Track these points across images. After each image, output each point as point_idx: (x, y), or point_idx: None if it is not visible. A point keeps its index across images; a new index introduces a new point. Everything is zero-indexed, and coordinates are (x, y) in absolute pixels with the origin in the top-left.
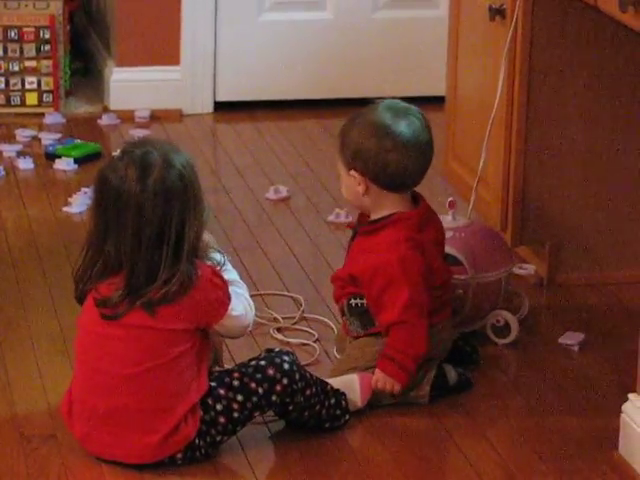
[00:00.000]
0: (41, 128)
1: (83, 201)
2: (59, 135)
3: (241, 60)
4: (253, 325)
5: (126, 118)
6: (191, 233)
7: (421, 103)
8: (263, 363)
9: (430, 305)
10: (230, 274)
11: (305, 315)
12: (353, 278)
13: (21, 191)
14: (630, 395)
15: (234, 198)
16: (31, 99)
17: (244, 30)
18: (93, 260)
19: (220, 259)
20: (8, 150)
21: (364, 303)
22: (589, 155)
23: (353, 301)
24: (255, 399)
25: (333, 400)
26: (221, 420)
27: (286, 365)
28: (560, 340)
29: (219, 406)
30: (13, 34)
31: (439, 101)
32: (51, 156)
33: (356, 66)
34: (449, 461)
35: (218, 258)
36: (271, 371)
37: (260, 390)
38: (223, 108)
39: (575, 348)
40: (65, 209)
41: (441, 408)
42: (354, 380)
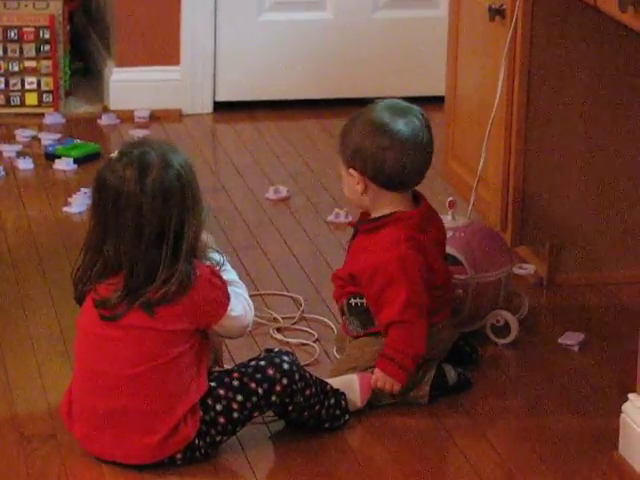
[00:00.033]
0: (41, 128)
1: (83, 201)
2: (59, 135)
3: (241, 60)
4: (252, 325)
5: (126, 118)
6: (190, 233)
7: (421, 103)
8: (263, 363)
9: (430, 305)
10: (229, 274)
11: (305, 315)
12: (353, 277)
13: (21, 191)
14: (630, 395)
15: (234, 198)
16: (31, 99)
17: (244, 30)
18: (92, 261)
19: (219, 259)
20: (8, 150)
21: (364, 303)
22: (589, 155)
23: (353, 300)
24: (255, 399)
25: (333, 400)
26: (221, 420)
27: (286, 365)
28: (560, 340)
29: (219, 406)
30: (13, 34)
31: (439, 101)
32: (51, 156)
33: (356, 66)
34: (449, 461)
35: (217, 258)
36: (271, 371)
37: (260, 390)
38: (223, 108)
39: (575, 348)
40: (65, 209)
41: (441, 408)
42: (354, 380)
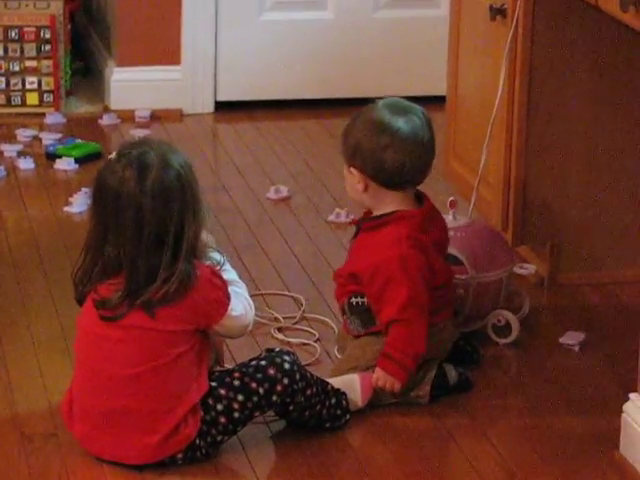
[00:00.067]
0: (42, 128)
1: (84, 201)
2: (60, 135)
3: (242, 60)
4: (253, 325)
5: (126, 118)
6: (190, 233)
7: (422, 103)
8: (264, 363)
9: (431, 305)
10: (229, 274)
11: (306, 315)
12: (354, 276)
13: (22, 191)
14: (631, 395)
15: (235, 198)
16: (32, 99)
17: (245, 30)
18: (93, 262)
19: (219, 259)
20: (9, 150)
21: (365, 302)
22: (590, 154)
23: (354, 300)
24: (256, 399)
25: (334, 400)
26: (222, 420)
27: (287, 365)
28: (561, 340)
29: (220, 406)
30: (14, 34)
31: (440, 101)
32: (52, 156)
33: (357, 66)
34: (450, 461)
35: (217, 258)
36: (272, 371)
37: (261, 390)
38: (224, 108)
39: (576, 348)
40: (66, 209)
41: (442, 408)
42: (355, 380)
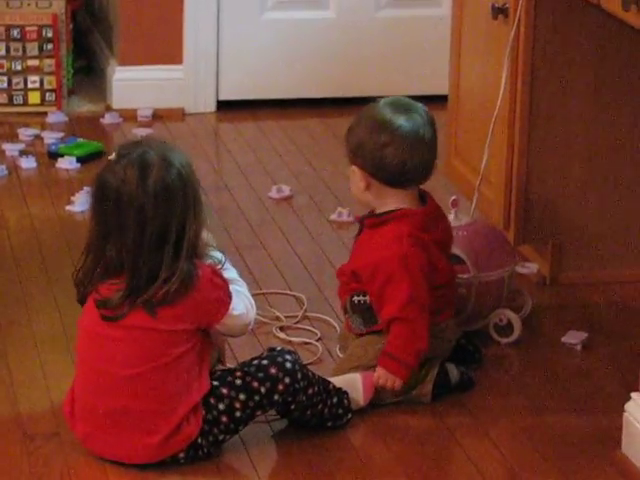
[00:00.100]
0: (44, 127)
1: (86, 200)
2: (62, 134)
3: (244, 59)
4: (255, 324)
5: (129, 117)
6: (191, 232)
7: (424, 102)
8: (265, 362)
9: (433, 304)
10: (229, 272)
11: (308, 314)
12: (356, 274)
13: (24, 190)
14: (633, 394)
15: (236, 197)
16: (34, 98)
17: (247, 29)
18: (94, 262)
19: (220, 258)
20: (11, 149)
21: (367, 300)
22: (592, 153)
23: (356, 298)
24: (257, 398)
25: (335, 399)
26: (223, 419)
27: (288, 364)
28: (563, 339)
29: (221, 405)
30: (16, 33)
31: (442, 100)
32: (54, 155)
33: (359, 65)
34: (451, 460)
35: (218, 257)
36: (273, 370)
37: (262, 389)
38: (226, 107)
39: (578, 347)
40: (68, 208)
41: (443, 407)
42: (357, 379)
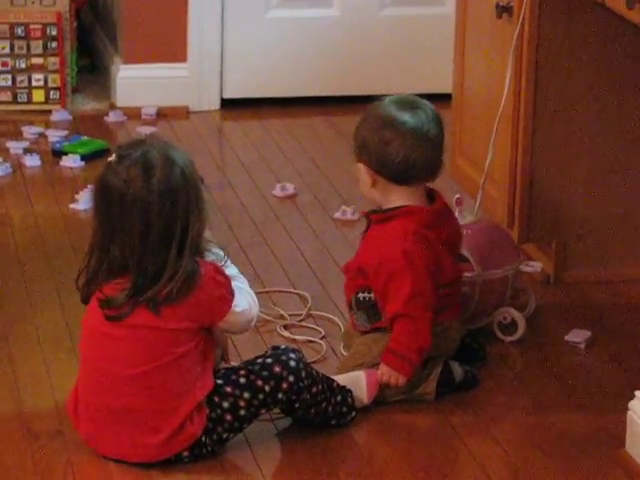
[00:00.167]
0: (48, 125)
1: (90, 198)
2: (66, 132)
3: (248, 57)
4: (259, 322)
5: (133, 115)
6: (194, 230)
7: (428, 100)
8: (269, 361)
9: (438, 303)
10: (230, 269)
11: (311, 312)
12: (361, 270)
13: (28, 188)
14: (637, 392)
15: (240, 195)
16: (38, 96)
17: (251, 27)
18: (98, 263)
19: (221, 255)
20: (15, 147)
21: (372, 297)
22: (596, 152)
23: (361, 295)
24: (261, 397)
25: (339, 397)
26: (227, 417)
27: (292, 362)
28: (567, 337)
29: (225, 404)
30: (20, 31)
31: (446, 98)
32: (58, 153)
33: (363, 63)
34: (455, 458)
35: (220, 254)
36: (277, 369)
37: (266, 388)
38: (230, 105)
39: (582, 345)
40: (72, 206)
41: (447, 405)
42: (360, 377)
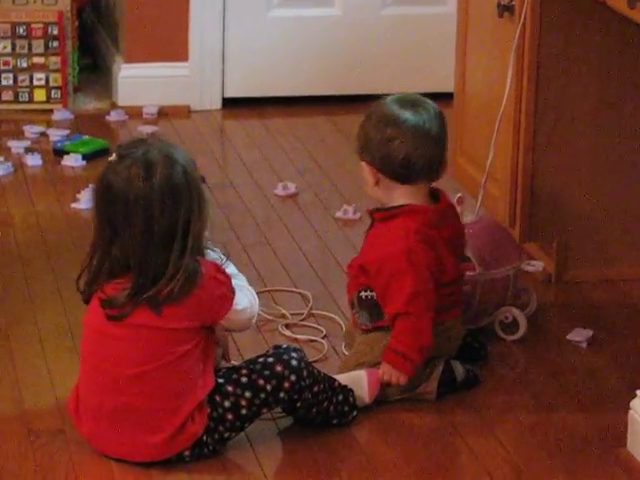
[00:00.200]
0: (49, 124)
1: (90, 198)
2: (67, 131)
3: (249, 56)
4: (260, 321)
5: (134, 114)
6: (195, 229)
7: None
8: (271, 360)
9: (439, 303)
10: (229, 267)
11: (313, 311)
12: (363, 268)
13: (29, 187)
14: (638, 392)
15: (242, 194)
16: (39, 95)
17: (252, 26)
18: (100, 263)
19: (222, 253)
20: (16, 146)
21: (374, 296)
22: (597, 150)
23: (363, 293)
24: (263, 396)
25: (341, 396)
26: (229, 417)
27: (294, 362)
28: (568, 337)
29: (227, 403)
30: (21, 30)
31: (447, 97)
32: (59, 152)
33: (364, 63)
34: (456, 457)
35: (219, 253)
36: (279, 368)
37: (268, 387)
38: (231, 104)
39: (583, 345)
40: (73, 205)
41: (449, 404)
42: (362, 376)
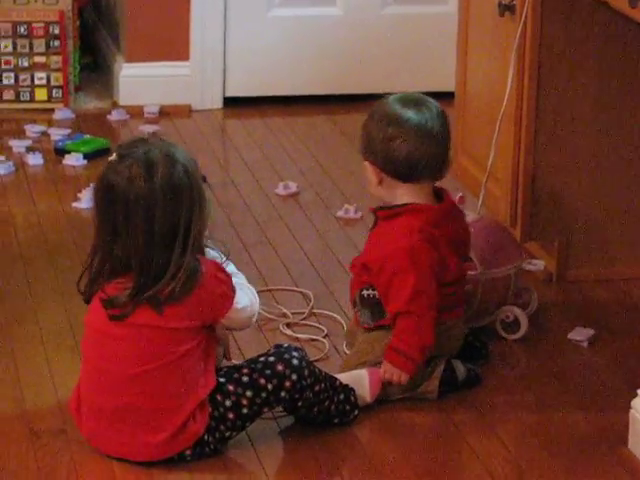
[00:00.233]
0: (50, 124)
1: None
2: (68, 131)
3: (250, 56)
4: (262, 320)
5: (135, 114)
6: (196, 227)
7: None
8: (272, 359)
9: (441, 302)
10: (229, 266)
11: (314, 311)
12: (366, 267)
13: (30, 187)
14: (639, 391)
15: (243, 193)
16: (40, 95)
17: (253, 26)
18: (101, 263)
19: (223, 252)
20: (18, 146)
21: (376, 294)
22: (599, 150)
23: (365, 292)
24: (264, 395)
25: (342, 396)
26: (230, 416)
27: (295, 361)
28: (569, 336)
29: (228, 402)
30: (23, 30)
31: (448, 97)
32: (60, 151)
33: (365, 62)
34: (458, 457)
35: (221, 251)
36: (280, 367)
37: (269, 386)
38: (232, 104)
39: (584, 344)
40: (74, 204)
41: (450, 403)
42: (363, 376)
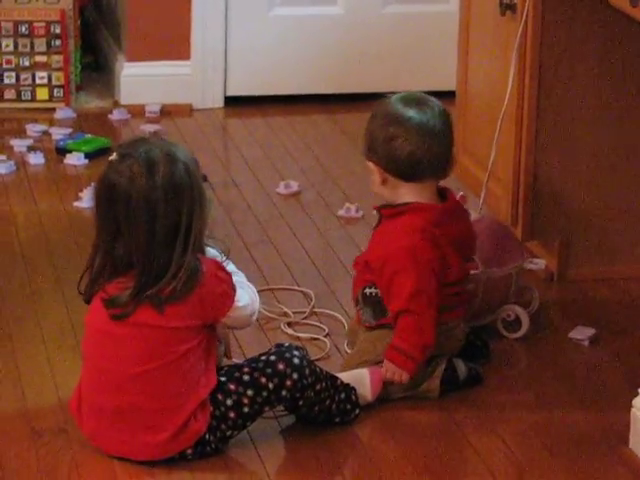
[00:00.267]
0: (52, 123)
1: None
2: (70, 130)
3: (251, 55)
4: (263, 320)
5: (136, 113)
6: (197, 226)
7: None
8: (273, 358)
9: (443, 302)
10: (229, 265)
11: (315, 310)
12: (368, 265)
13: (32, 186)
14: None
15: (244, 193)
16: (42, 94)
17: (255, 25)
18: (102, 263)
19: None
20: (19, 145)
21: (378, 293)
22: (600, 149)
23: (367, 290)
24: (265, 394)
25: (343, 395)
26: (231, 415)
27: (296, 360)
28: (570, 335)
29: (229, 401)
30: (24, 29)
31: (449, 96)
32: (62, 151)
33: (366, 61)
34: (459, 455)
35: (221, 250)
36: (281, 366)
37: (270, 385)
38: (234, 103)
39: (585, 343)
40: (76, 204)
41: (451, 402)
42: (364, 374)
